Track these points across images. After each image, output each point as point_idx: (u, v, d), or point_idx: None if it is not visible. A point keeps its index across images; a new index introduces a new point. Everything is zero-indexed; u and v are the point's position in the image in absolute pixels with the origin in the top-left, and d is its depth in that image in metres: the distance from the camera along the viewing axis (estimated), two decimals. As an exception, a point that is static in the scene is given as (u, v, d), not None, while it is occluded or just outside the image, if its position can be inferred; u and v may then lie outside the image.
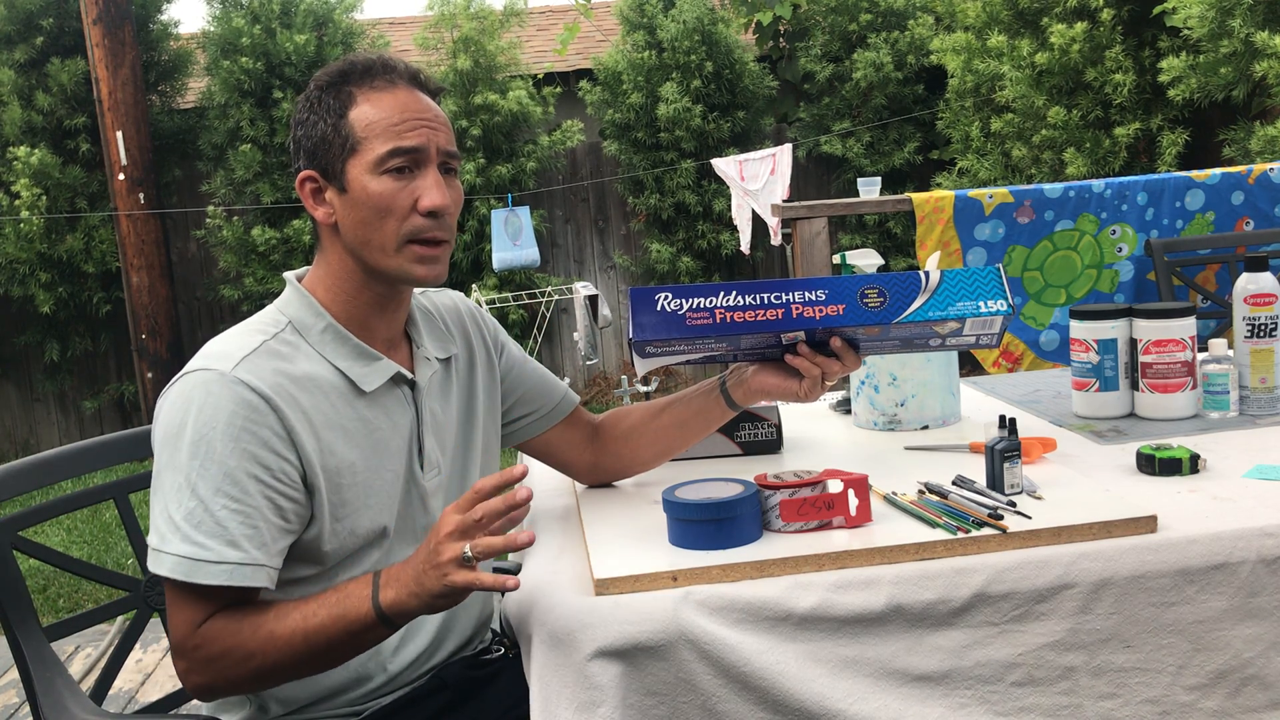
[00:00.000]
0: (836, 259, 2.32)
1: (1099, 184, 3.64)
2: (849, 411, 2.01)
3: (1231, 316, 1.88)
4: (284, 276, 1.41)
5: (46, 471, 1.57)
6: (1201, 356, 1.81)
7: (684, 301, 1.35)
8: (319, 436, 1.29)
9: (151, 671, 3.34)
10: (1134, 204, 3.64)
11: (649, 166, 7.06)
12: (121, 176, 6.52)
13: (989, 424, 1.83)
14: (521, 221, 6.37)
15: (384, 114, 1.31)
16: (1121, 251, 3.68)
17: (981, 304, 1.34)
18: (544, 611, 1.22)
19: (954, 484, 1.45)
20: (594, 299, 5.17)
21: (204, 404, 1.23)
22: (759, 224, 6.27)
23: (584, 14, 8.16)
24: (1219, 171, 3.68)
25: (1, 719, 3.06)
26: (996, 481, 1.40)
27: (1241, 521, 1.31)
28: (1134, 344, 1.81)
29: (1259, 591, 1.27)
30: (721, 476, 1.40)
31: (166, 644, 3.45)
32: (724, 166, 6.16)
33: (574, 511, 1.56)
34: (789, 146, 6.09)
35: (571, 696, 1.16)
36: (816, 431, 1.90)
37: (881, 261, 2.18)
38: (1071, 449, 1.67)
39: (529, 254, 6.34)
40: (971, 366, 5.57)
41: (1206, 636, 1.27)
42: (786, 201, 5.36)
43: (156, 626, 3.35)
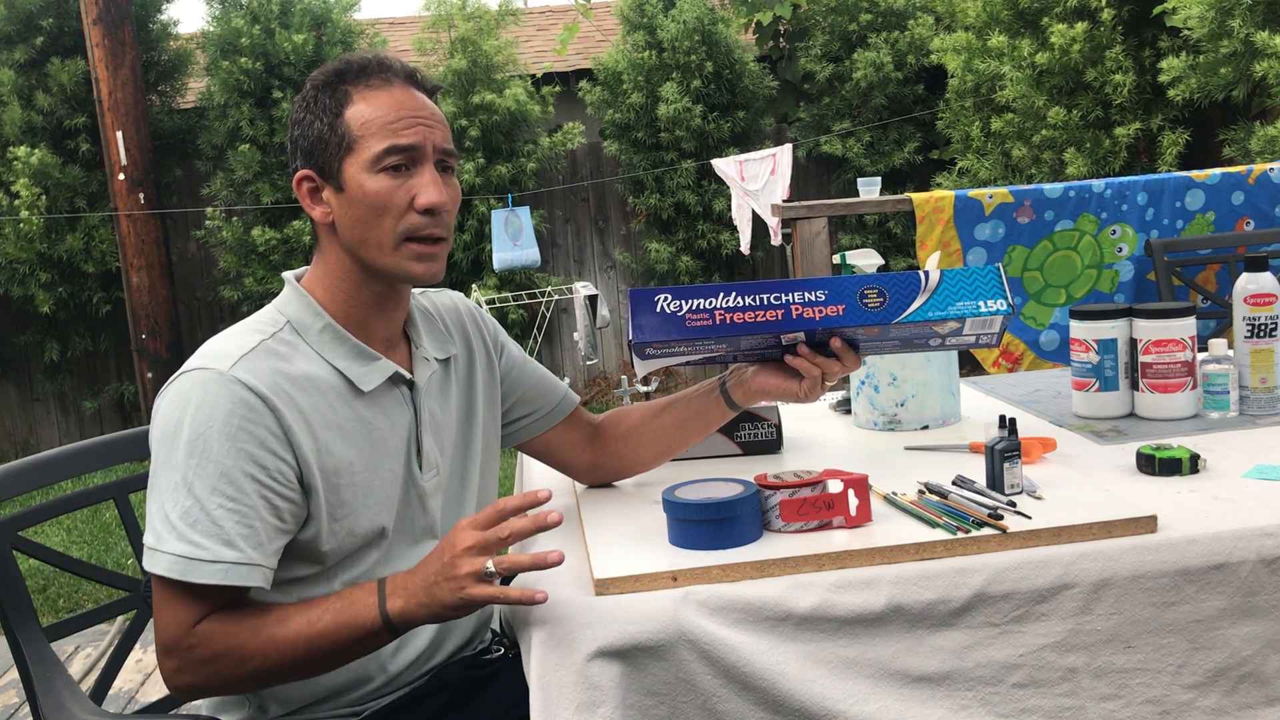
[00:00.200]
0: (836, 259, 2.32)
1: (1099, 184, 3.64)
2: (849, 411, 2.01)
3: (1231, 316, 1.88)
4: (283, 276, 1.41)
5: (46, 471, 1.57)
6: (1201, 356, 1.81)
7: (683, 303, 1.35)
8: (316, 437, 1.29)
9: (151, 671, 3.34)
10: (1134, 204, 3.64)
11: (649, 166, 7.06)
12: (121, 176, 6.52)
13: (989, 424, 1.83)
14: (521, 221, 6.37)
15: (380, 112, 1.31)
16: (1121, 251, 3.69)
17: (981, 304, 1.34)
18: (544, 611, 1.22)
19: (954, 484, 1.45)
20: (594, 299, 5.18)
21: (201, 403, 1.23)
22: (759, 224, 6.26)
23: (584, 14, 8.16)
24: (1219, 171, 3.68)
25: (1, 719, 3.06)
26: (996, 481, 1.40)
27: (1241, 521, 1.31)
28: (1134, 344, 1.81)
29: (1258, 591, 1.27)
30: (721, 476, 1.40)
31: (166, 644, 3.45)
32: (724, 166, 6.16)
33: (574, 511, 1.56)
34: (789, 146, 6.09)
35: (571, 696, 1.16)
36: (816, 431, 1.90)
37: (881, 261, 2.18)
38: (1071, 449, 1.67)
39: (529, 254, 6.34)
40: (971, 366, 5.57)
41: (1205, 636, 1.27)
42: (786, 201, 5.36)
43: (156, 626, 3.34)
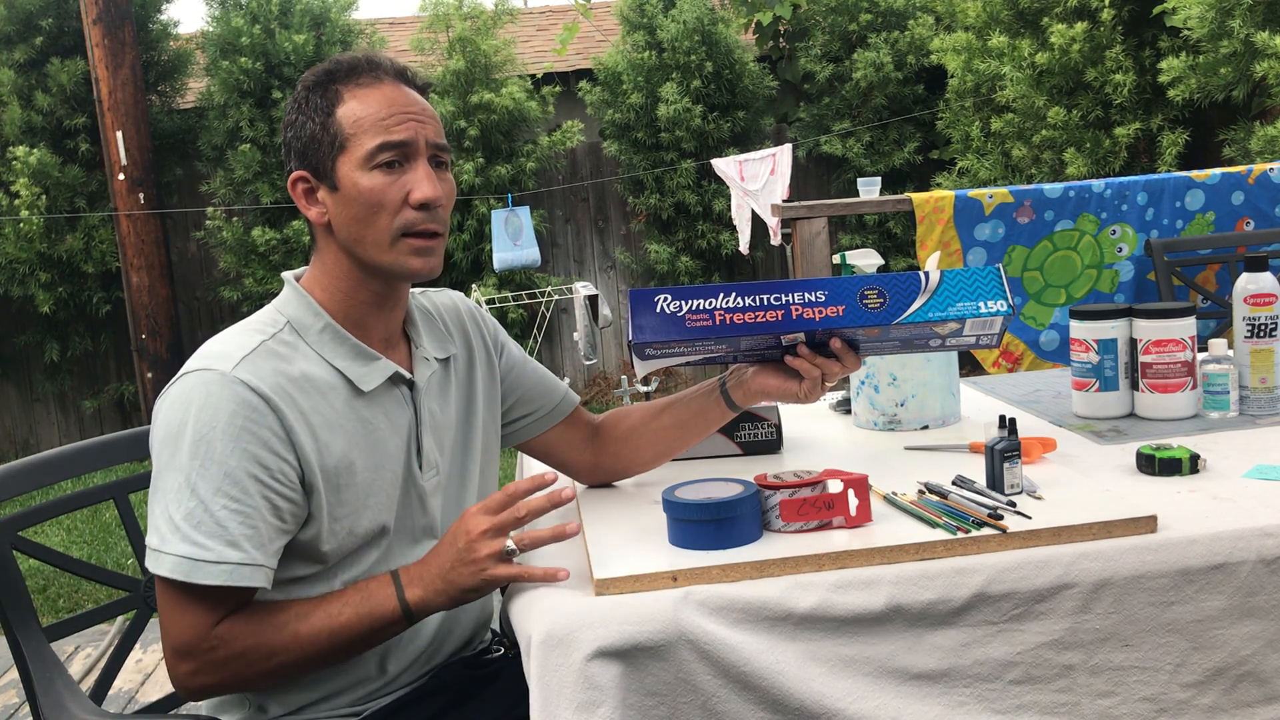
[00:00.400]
0: (836, 259, 2.32)
1: (1099, 184, 3.65)
2: (849, 411, 2.01)
3: (1231, 316, 1.88)
4: (282, 276, 1.41)
5: (46, 471, 1.57)
6: (1201, 356, 1.81)
7: (683, 303, 1.35)
8: (317, 437, 1.29)
9: (151, 671, 3.34)
10: (1134, 204, 3.64)
11: (649, 166, 7.06)
12: (121, 176, 6.52)
13: (989, 424, 1.83)
14: (521, 221, 6.37)
15: (371, 109, 1.31)
16: (1121, 251, 3.69)
17: (981, 304, 1.34)
18: (544, 611, 1.22)
19: (954, 484, 1.45)
20: (594, 299, 5.17)
21: (204, 404, 1.24)
22: (759, 224, 6.26)
23: (584, 14, 8.16)
24: (1219, 171, 3.68)
25: (1, 719, 3.06)
26: (996, 481, 1.40)
27: (1241, 521, 1.31)
28: (1134, 344, 1.81)
29: (1258, 591, 1.27)
30: (721, 476, 1.40)
31: (166, 644, 3.45)
32: (724, 166, 6.16)
33: (574, 511, 1.56)
34: (789, 146, 6.09)
35: (571, 696, 1.16)
36: (816, 431, 1.90)
37: (881, 261, 2.18)
38: (1071, 449, 1.67)
39: (529, 254, 6.34)
40: (971, 366, 5.57)
41: (1205, 635, 1.27)
42: (786, 201, 5.36)
43: (156, 627, 3.34)
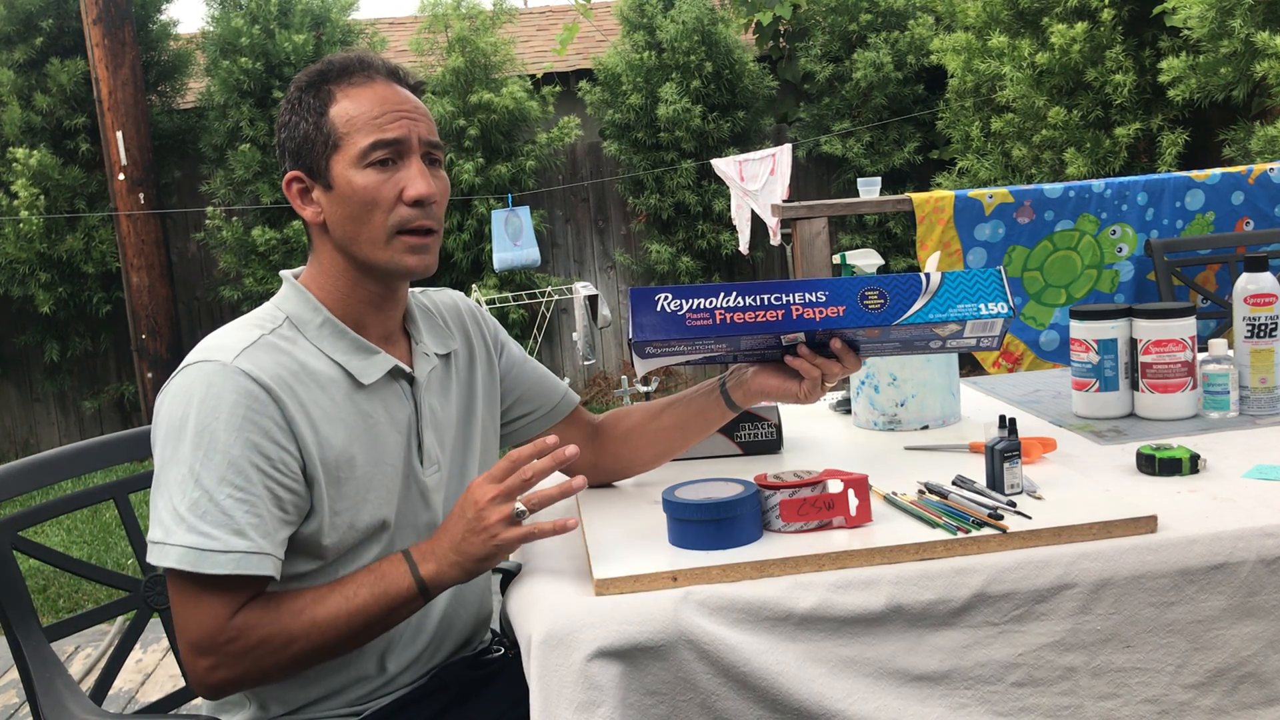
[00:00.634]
0: (836, 259, 2.32)
1: (1099, 184, 3.64)
2: (849, 411, 2.01)
3: (1231, 316, 1.88)
4: (281, 275, 1.41)
5: (46, 471, 1.57)
6: (1201, 356, 1.81)
7: (684, 302, 1.35)
8: (318, 429, 1.29)
9: (151, 671, 3.34)
10: (1134, 204, 3.64)
11: (649, 166, 7.06)
12: (121, 176, 6.52)
13: (989, 424, 1.83)
14: (521, 221, 6.37)
15: (364, 108, 1.32)
16: (1121, 251, 3.69)
17: (982, 306, 1.34)
18: (544, 611, 1.22)
19: (954, 484, 1.45)
20: (594, 299, 5.17)
21: (206, 395, 1.24)
22: (759, 224, 6.27)
23: (584, 14, 8.16)
24: (1219, 171, 3.68)
25: (1, 719, 3.06)
26: (996, 481, 1.40)
27: (1241, 521, 1.31)
28: (1134, 344, 1.81)
29: (1258, 591, 1.27)
30: (721, 476, 1.40)
31: (166, 644, 3.45)
32: (724, 167, 6.16)
33: (574, 511, 1.56)
34: (789, 147, 6.09)
35: (571, 696, 1.16)
36: (816, 431, 1.90)
37: (881, 262, 2.18)
38: (1071, 449, 1.67)
39: (529, 254, 6.34)
40: (971, 366, 5.57)
41: (1205, 636, 1.27)
42: (786, 202, 5.36)
43: (156, 626, 3.35)
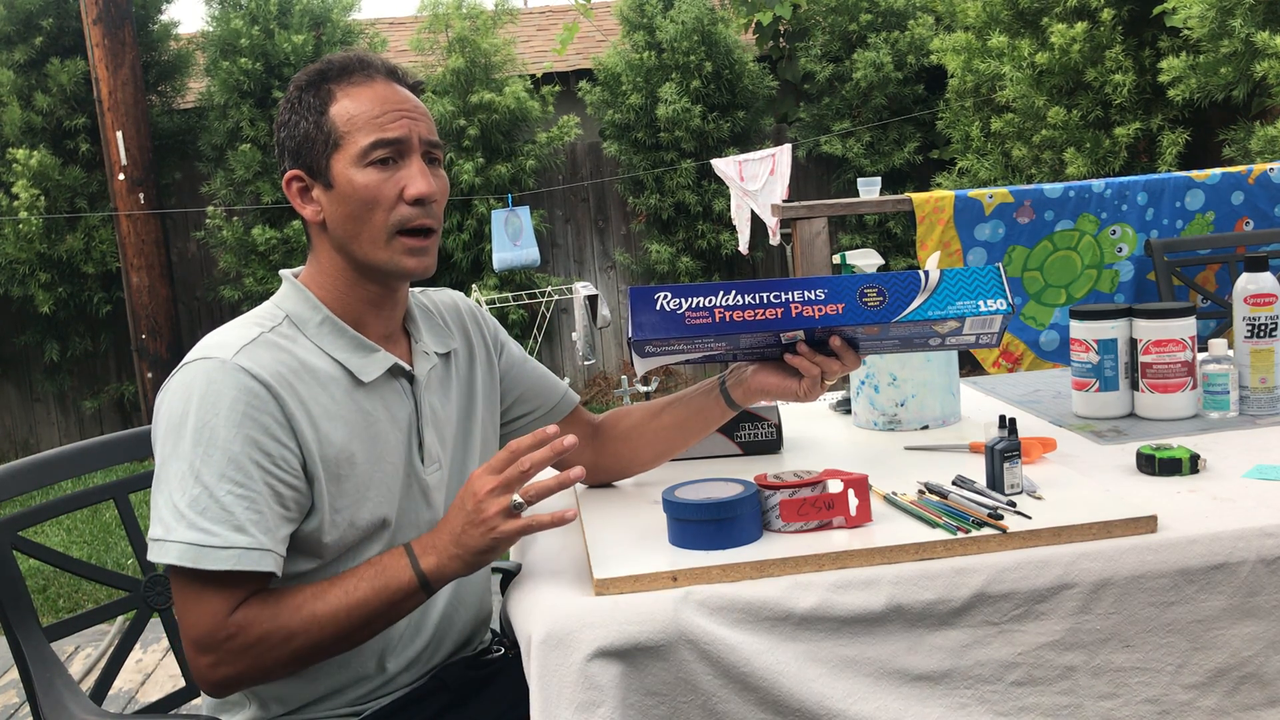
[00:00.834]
0: (836, 259, 2.32)
1: (1099, 184, 3.64)
2: (849, 411, 2.01)
3: (1231, 316, 1.88)
4: (281, 274, 1.41)
5: (46, 471, 1.57)
6: (1201, 356, 1.81)
7: (683, 301, 1.35)
8: (317, 427, 1.29)
9: (151, 671, 3.34)
10: (1134, 204, 3.64)
11: (649, 166, 7.06)
12: (121, 177, 6.52)
13: (989, 424, 1.83)
14: (521, 221, 6.37)
15: (365, 107, 1.33)
16: (1121, 251, 3.68)
17: (981, 303, 1.34)
18: (544, 611, 1.22)
19: (954, 484, 1.45)
20: (594, 299, 5.17)
21: (206, 391, 1.24)
22: (758, 224, 6.27)
23: (584, 14, 8.16)
24: (1219, 171, 3.68)
25: (1, 719, 3.06)
26: (996, 481, 1.40)
27: (1241, 521, 1.31)
28: (1134, 344, 1.81)
29: (1258, 591, 1.27)
30: (721, 476, 1.40)
31: (167, 644, 3.45)
32: (723, 167, 6.16)
33: (574, 509, 1.56)
34: (788, 147, 6.09)
35: (571, 696, 1.16)
36: (816, 431, 1.90)
37: (881, 261, 2.18)
38: (1071, 449, 1.67)
39: (529, 254, 6.34)
40: (971, 366, 5.57)
41: (1205, 636, 1.27)
42: (786, 202, 5.36)
43: (156, 626, 3.35)
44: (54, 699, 1.42)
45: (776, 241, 5.95)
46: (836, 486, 1.33)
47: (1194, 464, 1.50)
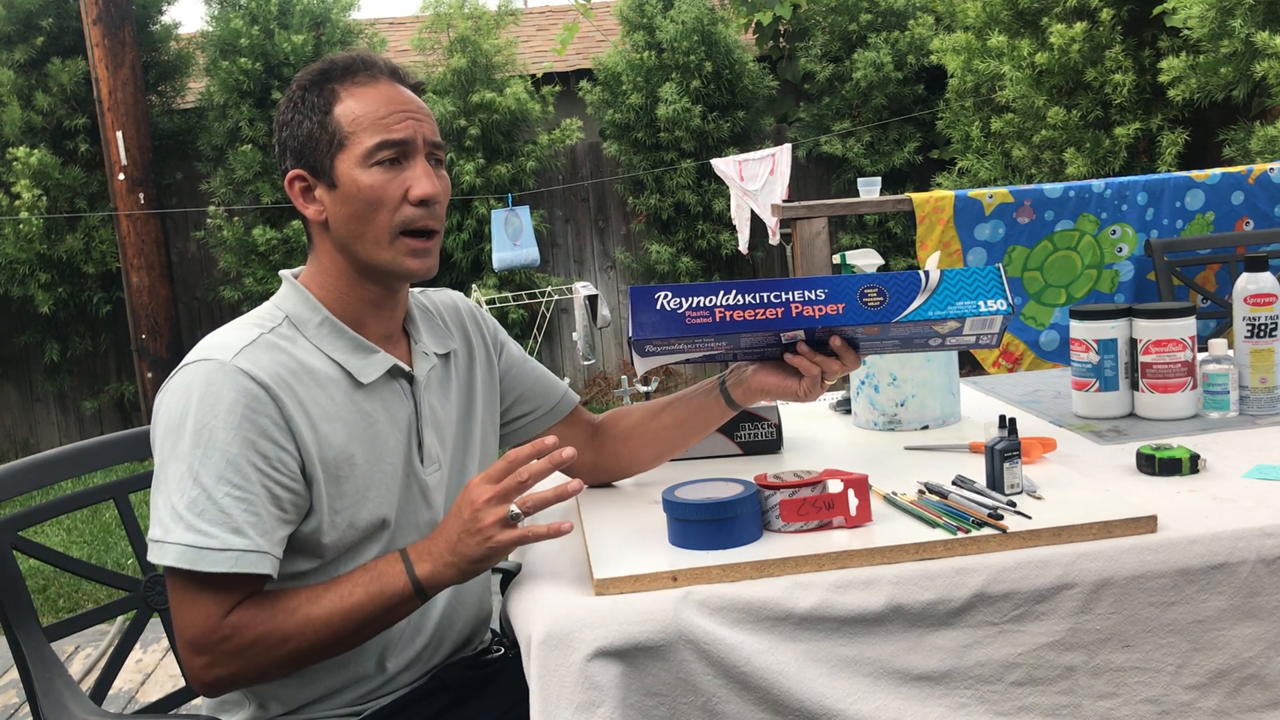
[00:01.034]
0: (836, 259, 2.32)
1: (1099, 184, 3.64)
2: (849, 411, 2.01)
3: (1231, 316, 1.88)
4: (280, 274, 1.41)
5: (46, 471, 1.57)
6: (1201, 356, 1.81)
7: (684, 300, 1.35)
8: (316, 428, 1.29)
9: (151, 671, 3.34)
10: (1134, 204, 3.64)
11: (649, 166, 7.06)
12: (121, 177, 6.52)
13: (989, 424, 1.83)
14: (521, 221, 6.37)
15: (369, 108, 1.33)
16: (1121, 251, 3.68)
17: (981, 303, 1.34)
18: (544, 611, 1.22)
19: (954, 484, 1.45)
20: (593, 299, 5.17)
21: (205, 393, 1.24)
22: (758, 224, 6.27)
23: (584, 14, 8.16)
24: (1219, 171, 3.67)
25: (1, 719, 3.06)
26: (996, 481, 1.40)
27: (1241, 521, 1.31)
28: (1134, 344, 1.81)
29: (1259, 591, 1.27)
30: (721, 476, 1.40)
31: (166, 644, 3.45)
32: (723, 166, 6.16)
33: (574, 511, 1.56)
34: (788, 147, 6.09)
35: (571, 696, 1.16)
36: (816, 431, 1.90)
37: (881, 261, 2.18)
38: (1071, 449, 1.67)
39: (529, 254, 6.34)
40: (971, 366, 5.57)
41: (1206, 636, 1.27)
42: (786, 201, 5.36)
43: (156, 626, 3.35)
44: (54, 699, 1.42)
45: (776, 241, 5.95)
46: (836, 486, 1.33)
47: (1194, 464, 1.50)
